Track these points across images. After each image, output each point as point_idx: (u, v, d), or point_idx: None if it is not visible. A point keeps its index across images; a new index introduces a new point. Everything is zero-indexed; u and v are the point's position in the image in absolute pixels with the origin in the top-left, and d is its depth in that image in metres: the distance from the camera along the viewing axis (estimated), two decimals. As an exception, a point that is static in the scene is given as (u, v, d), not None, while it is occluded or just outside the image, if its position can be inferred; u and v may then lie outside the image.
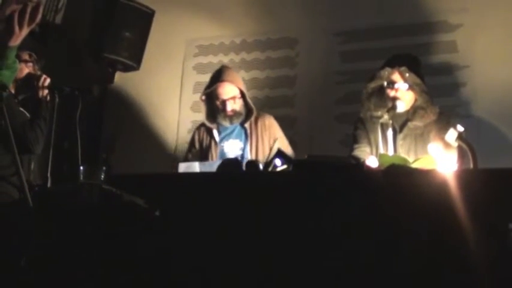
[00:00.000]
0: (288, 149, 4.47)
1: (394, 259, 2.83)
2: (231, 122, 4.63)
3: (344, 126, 5.39)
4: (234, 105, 4.59)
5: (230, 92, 4.58)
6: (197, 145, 4.74)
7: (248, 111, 4.67)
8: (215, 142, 4.65)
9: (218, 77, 4.65)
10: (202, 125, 4.79)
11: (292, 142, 5.01)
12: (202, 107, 4.74)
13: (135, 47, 6.12)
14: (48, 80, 4.19)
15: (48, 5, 2.46)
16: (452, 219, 2.79)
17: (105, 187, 3.20)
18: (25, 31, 2.53)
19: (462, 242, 2.78)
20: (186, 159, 4.71)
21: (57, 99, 4.12)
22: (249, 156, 4.50)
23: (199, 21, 6.30)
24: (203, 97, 4.71)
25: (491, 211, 2.85)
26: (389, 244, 2.87)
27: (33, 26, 2.54)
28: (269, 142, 4.56)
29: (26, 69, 4.26)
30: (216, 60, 6.21)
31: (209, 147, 4.66)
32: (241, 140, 4.62)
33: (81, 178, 2.98)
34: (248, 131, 4.62)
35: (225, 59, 6.19)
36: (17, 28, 2.50)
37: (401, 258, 2.83)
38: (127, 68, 6.23)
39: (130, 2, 6.05)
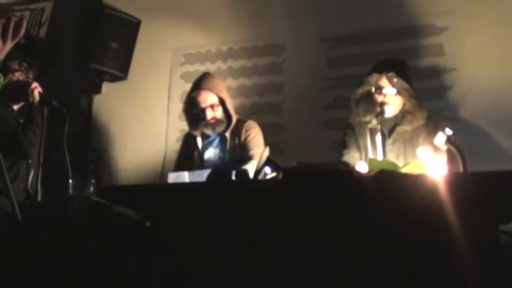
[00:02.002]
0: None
1: (386, 264, 2.82)
2: (214, 130, 4.61)
3: (332, 132, 5.40)
4: (214, 113, 4.57)
5: (208, 100, 4.57)
6: (185, 154, 4.73)
7: (229, 119, 4.64)
8: (198, 150, 4.64)
9: (197, 84, 4.65)
10: (188, 133, 4.78)
11: (280, 149, 5.01)
12: (184, 116, 4.73)
13: (122, 57, 6.12)
14: (39, 88, 4.19)
15: (31, 19, 2.46)
16: (442, 223, 2.77)
17: (94, 199, 3.20)
18: (9, 45, 2.53)
19: (453, 246, 2.77)
20: (179, 163, 4.70)
21: (45, 112, 4.11)
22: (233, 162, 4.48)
23: (185, 30, 6.30)
24: (183, 106, 4.70)
25: (482, 214, 2.83)
26: (380, 249, 2.86)
27: (17, 40, 2.54)
28: (246, 146, 4.54)
29: (15, 79, 4.27)
30: (203, 68, 6.20)
31: (192, 155, 4.65)
32: (220, 150, 4.60)
33: (71, 191, 2.98)
34: (228, 140, 4.61)
35: (212, 67, 6.18)
36: (0, 42, 2.50)
37: (392, 263, 2.82)
38: (114, 78, 6.23)
39: (116, 12, 6.05)
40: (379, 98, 4.30)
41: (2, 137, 2.83)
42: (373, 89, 4.33)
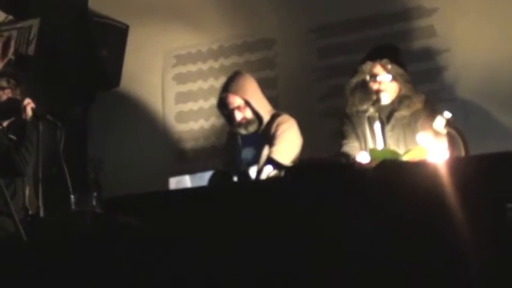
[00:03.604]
0: (285, 153, 4.38)
1: (394, 255, 2.80)
2: (247, 130, 4.57)
3: (329, 122, 5.37)
4: (243, 113, 4.53)
5: (234, 103, 4.52)
6: (228, 149, 4.74)
7: (260, 118, 4.59)
8: (238, 147, 4.61)
9: (224, 86, 4.63)
10: (230, 129, 4.75)
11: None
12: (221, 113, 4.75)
13: (113, 64, 6.09)
14: (32, 103, 4.17)
15: (19, 38, 2.46)
16: (448, 209, 2.77)
17: (98, 212, 3.18)
18: None
19: (459, 231, 2.76)
20: (224, 164, 4.69)
21: (40, 127, 4.09)
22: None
23: (174, 31, 6.26)
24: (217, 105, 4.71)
25: (487, 197, 2.82)
26: (387, 240, 2.85)
27: (6, 60, 2.52)
28: (271, 142, 4.48)
29: (4, 96, 4.25)
30: (195, 68, 6.18)
31: (233, 153, 4.63)
32: (255, 149, 4.54)
33: (73, 207, 2.95)
34: (260, 138, 4.54)
35: (204, 67, 6.16)
36: None
37: (400, 253, 2.80)
38: (107, 86, 6.20)
39: (103, 19, 6.02)
40: (375, 86, 4.29)
41: None
42: (367, 77, 4.31)
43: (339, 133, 4.49)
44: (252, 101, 4.52)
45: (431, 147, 3.65)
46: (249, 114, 4.52)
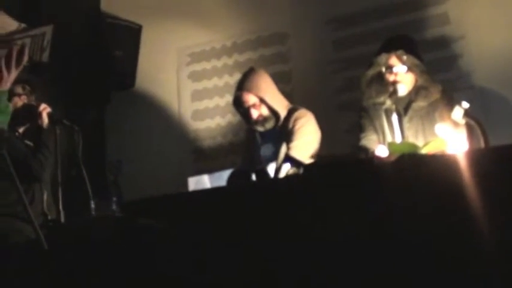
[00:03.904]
0: (304, 149, 4.36)
1: (414, 250, 2.79)
2: (264, 127, 4.55)
3: (347, 115, 5.35)
4: (259, 111, 4.51)
5: (249, 101, 4.49)
6: (247, 146, 4.73)
7: (276, 115, 4.56)
8: (256, 144, 4.61)
9: (239, 85, 4.60)
10: (248, 127, 4.74)
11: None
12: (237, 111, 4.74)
13: (127, 64, 6.10)
14: (48, 108, 4.18)
15: (33, 45, 2.46)
16: (468, 201, 2.75)
17: (118, 216, 3.18)
18: (13, 75, 2.52)
19: (480, 224, 2.73)
20: (244, 161, 4.68)
21: (58, 132, 4.09)
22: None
23: (187, 29, 6.26)
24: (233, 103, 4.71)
25: (508, 188, 2.79)
26: (408, 234, 2.83)
27: (21, 68, 2.53)
28: (289, 138, 4.46)
29: (20, 102, 4.26)
30: (210, 66, 6.16)
31: (252, 150, 4.63)
32: (273, 145, 4.53)
33: (93, 212, 2.96)
34: (278, 134, 4.52)
35: (218, 64, 6.14)
36: (5, 73, 2.49)
37: (419, 248, 2.78)
38: (122, 87, 6.21)
39: (116, 20, 6.03)
40: (391, 78, 4.26)
41: (14, 163, 2.82)
42: (383, 69, 4.28)
43: (357, 126, 4.47)
44: (266, 98, 4.50)
45: (450, 138, 3.62)
46: (265, 111, 4.50)
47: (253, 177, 3.41)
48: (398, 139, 4.21)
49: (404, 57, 4.21)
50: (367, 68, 4.38)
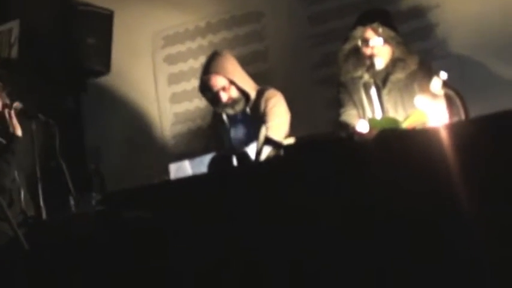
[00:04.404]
0: (279, 129, 4.38)
1: (401, 227, 2.76)
2: (234, 109, 4.52)
3: (325, 90, 5.32)
4: (228, 93, 4.47)
5: (218, 84, 4.46)
6: (213, 130, 4.72)
7: (247, 96, 4.54)
8: (225, 128, 4.57)
9: (205, 68, 4.55)
10: (215, 110, 4.70)
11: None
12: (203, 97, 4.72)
13: (101, 51, 6.02)
14: (19, 106, 4.12)
15: (0, 42, 2.40)
16: (452, 176, 2.72)
17: (99, 210, 3.14)
18: None
19: (468, 195, 2.71)
20: (208, 145, 4.65)
21: (34, 127, 4.04)
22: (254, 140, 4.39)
23: (160, 12, 6.17)
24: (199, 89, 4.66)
25: (493, 159, 2.77)
26: (392, 212, 2.80)
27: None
28: (263, 120, 4.44)
29: None
30: (185, 48, 6.10)
31: (221, 133, 4.61)
32: (245, 127, 4.50)
33: (73, 208, 2.91)
34: (249, 115, 4.52)
35: (193, 45, 6.08)
36: None
37: (408, 224, 2.76)
38: (97, 74, 6.14)
39: (87, 7, 5.93)
40: (367, 51, 4.24)
41: None
42: (359, 43, 4.25)
43: (336, 102, 4.44)
44: (236, 79, 4.47)
45: (430, 110, 3.60)
46: (234, 93, 4.47)
47: (234, 161, 3.37)
48: (377, 112, 4.19)
49: (380, 30, 4.19)
50: (343, 43, 4.36)
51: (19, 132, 4.10)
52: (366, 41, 4.22)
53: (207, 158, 3.67)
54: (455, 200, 2.65)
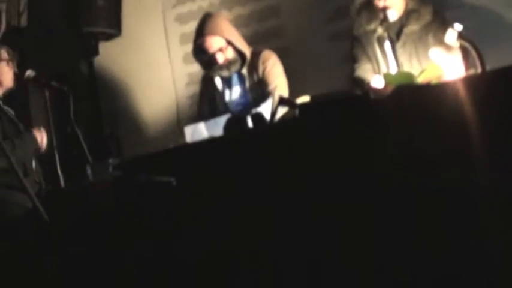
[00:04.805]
0: (284, 87, 4.40)
1: (422, 186, 2.74)
2: (229, 71, 4.49)
3: (340, 44, 5.23)
4: (225, 55, 4.44)
5: (215, 45, 4.42)
6: (205, 95, 4.66)
7: (242, 56, 4.50)
8: (218, 92, 4.55)
9: (200, 31, 4.49)
10: (206, 74, 4.66)
11: (290, 74, 4.88)
12: (197, 62, 4.64)
13: (111, 13, 5.99)
14: (32, 74, 4.11)
15: (9, 11, 2.37)
16: (471, 131, 2.69)
17: (116, 175, 3.14)
18: None
19: (487, 151, 2.68)
20: (199, 111, 4.62)
21: (47, 94, 4.03)
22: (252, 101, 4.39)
23: (170, -30, 6.12)
24: (193, 53, 4.59)
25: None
26: (412, 167, 2.78)
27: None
28: (265, 80, 4.44)
29: (6, 68, 4.19)
30: (196, 6, 6.03)
31: (214, 97, 4.56)
32: (241, 88, 4.50)
33: (90, 177, 2.91)
34: (246, 77, 4.49)
35: (204, 3, 6.00)
36: None
37: (428, 185, 2.73)
38: (108, 37, 6.12)
39: (95, -33, 5.90)
40: (380, 3, 4.16)
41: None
42: (372, -5, 4.18)
43: (350, 57, 4.39)
44: (233, 39, 4.43)
45: (445, 62, 3.55)
46: (230, 54, 4.44)
47: (250, 122, 3.35)
48: (392, 66, 4.14)
49: (392, -19, 4.11)
50: (354, -4, 4.28)
51: None
52: (378, -6, 4.15)
53: (222, 120, 3.66)
54: (474, 154, 2.62)
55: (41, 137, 4.07)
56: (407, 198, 2.69)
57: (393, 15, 4.15)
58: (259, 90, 4.43)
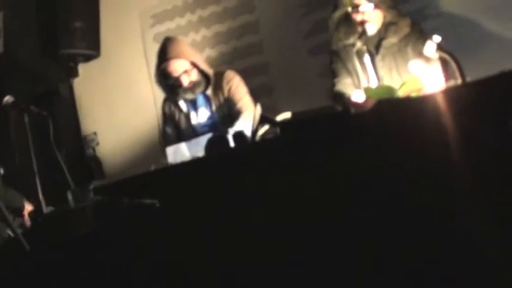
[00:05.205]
0: (251, 105, 4.37)
1: (404, 200, 2.73)
2: (194, 93, 4.45)
3: (319, 58, 5.28)
4: (190, 77, 4.40)
5: (180, 68, 4.38)
6: (169, 118, 4.61)
7: (206, 78, 4.47)
8: (184, 114, 4.51)
9: (162, 55, 4.43)
10: (168, 98, 4.63)
11: (270, 88, 4.88)
12: (159, 87, 4.59)
13: (90, 34, 5.99)
14: (10, 99, 4.07)
15: (-15, 37, 2.35)
16: (452, 143, 2.68)
17: (97, 200, 3.10)
18: None
19: (470, 160, 2.67)
20: (165, 134, 4.59)
21: (26, 119, 3.99)
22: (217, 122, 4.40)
23: (146, -10, 6.12)
24: (156, 79, 4.54)
25: (490, 119, 2.73)
26: (393, 182, 2.77)
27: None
28: (231, 100, 4.42)
29: None
30: (174, 25, 6.06)
31: (179, 119, 4.53)
32: (207, 109, 4.46)
33: (71, 203, 2.87)
34: (211, 97, 4.47)
35: (182, 22, 6.02)
36: None
37: (411, 197, 2.72)
38: (88, 58, 6.11)
39: (72, -10, 5.89)
40: (358, 17, 4.15)
41: None
42: (349, 10, 4.17)
43: (330, 71, 4.39)
44: (197, 61, 4.40)
45: (425, 74, 3.55)
46: (194, 76, 4.41)
47: (231, 141, 3.33)
48: (372, 79, 4.14)
49: (370, -6, 4.12)
50: (332, 10, 4.28)
51: None
52: (356, 7, 4.13)
53: (203, 140, 3.64)
54: (456, 168, 2.61)
55: (27, 209, 4.03)
56: (390, 212, 2.67)
57: (371, 28, 4.16)
58: (225, 110, 4.41)
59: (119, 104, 6.18)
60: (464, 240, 2.63)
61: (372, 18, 4.15)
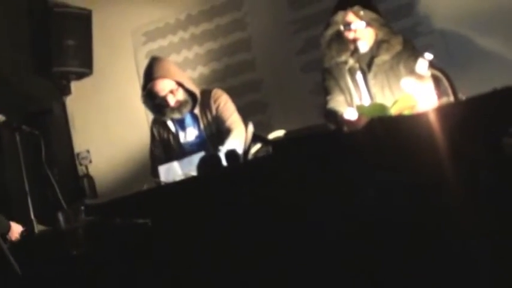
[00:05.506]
0: (241, 123, 4.38)
1: (397, 215, 2.73)
2: (181, 113, 4.42)
3: (311, 75, 5.29)
4: (176, 97, 4.38)
5: (165, 88, 4.34)
6: (158, 139, 4.58)
7: (193, 97, 4.46)
8: (172, 134, 4.49)
9: (148, 75, 4.41)
10: (155, 119, 4.61)
11: (263, 105, 4.87)
12: (146, 107, 4.57)
13: (82, 52, 5.98)
14: (2, 118, 4.05)
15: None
16: (445, 160, 2.69)
17: (89, 220, 3.08)
18: None
19: (459, 182, 2.68)
20: (153, 154, 4.57)
21: (18, 138, 3.96)
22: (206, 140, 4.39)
23: (138, 8, 6.13)
24: (142, 99, 4.51)
25: (484, 136, 2.74)
26: (387, 199, 2.77)
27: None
28: (220, 118, 4.42)
29: None
30: (166, 42, 6.06)
31: (168, 140, 4.52)
32: (195, 128, 4.45)
33: (62, 225, 2.86)
34: (199, 116, 4.45)
35: (174, 39, 6.03)
36: None
37: (404, 213, 2.72)
38: (80, 76, 6.09)
39: (65, 8, 5.86)
40: (350, 35, 4.16)
41: None
42: (341, 28, 4.18)
43: (322, 89, 4.38)
44: (183, 80, 4.39)
45: (417, 92, 3.55)
46: (181, 96, 4.38)
47: (224, 160, 3.33)
48: (365, 97, 4.14)
49: (362, 13, 4.12)
50: (324, 28, 4.28)
51: None
52: (347, 25, 4.14)
53: (195, 158, 3.63)
54: (449, 185, 2.61)
55: (15, 231, 3.99)
56: (383, 230, 2.67)
57: (364, 46, 4.16)
58: (213, 128, 4.40)
59: (111, 122, 6.16)
60: (457, 254, 2.63)
61: (363, 36, 4.15)
